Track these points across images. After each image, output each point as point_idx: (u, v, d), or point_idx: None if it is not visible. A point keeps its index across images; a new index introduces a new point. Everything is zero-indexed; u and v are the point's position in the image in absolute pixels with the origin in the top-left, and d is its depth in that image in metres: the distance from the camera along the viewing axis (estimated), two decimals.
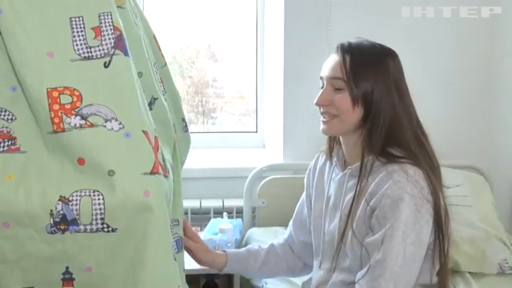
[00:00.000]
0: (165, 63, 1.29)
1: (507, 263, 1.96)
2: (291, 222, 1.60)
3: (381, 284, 1.19)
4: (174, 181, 1.12)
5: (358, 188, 1.28)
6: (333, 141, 1.44)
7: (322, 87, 1.34)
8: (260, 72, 2.75)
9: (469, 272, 1.92)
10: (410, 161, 1.25)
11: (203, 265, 1.54)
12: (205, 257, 1.48)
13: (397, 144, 1.28)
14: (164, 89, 1.23)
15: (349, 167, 1.34)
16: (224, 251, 1.54)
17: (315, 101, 1.33)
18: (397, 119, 1.28)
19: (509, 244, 2.02)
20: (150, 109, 1.07)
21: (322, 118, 1.34)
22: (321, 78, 1.35)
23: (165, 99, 1.17)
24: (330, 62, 1.33)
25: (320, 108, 1.34)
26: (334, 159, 1.41)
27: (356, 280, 1.25)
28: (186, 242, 1.39)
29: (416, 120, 1.32)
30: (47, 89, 0.94)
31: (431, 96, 2.36)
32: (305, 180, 1.56)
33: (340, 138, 1.39)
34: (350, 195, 1.31)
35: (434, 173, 1.27)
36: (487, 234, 2.00)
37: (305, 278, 1.58)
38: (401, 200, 1.20)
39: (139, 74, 1.06)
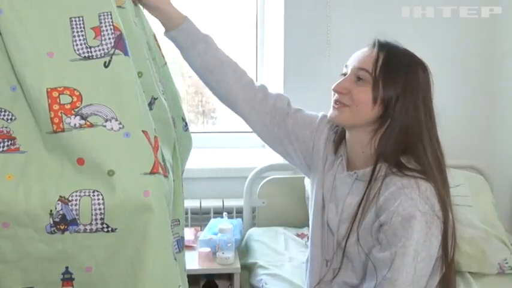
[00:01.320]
0: (165, 63, 1.29)
1: (507, 263, 1.96)
2: (294, 106, 1.45)
3: None
4: (174, 181, 1.12)
5: (365, 196, 1.25)
6: (343, 136, 1.37)
7: (345, 74, 1.29)
8: (260, 72, 2.75)
9: (469, 272, 1.92)
10: (422, 176, 1.21)
11: (149, 9, 1.26)
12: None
13: (413, 157, 1.24)
14: (163, 88, 1.23)
15: (355, 170, 1.30)
16: (186, 16, 1.35)
17: (333, 87, 1.28)
18: (420, 134, 1.24)
19: (509, 244, 2.02)
20: (150, 109, 1.07)
21: (333, 104, 1.29)
22: (346, 66, 1.30)
23: (164, 99, 1.17)
24: (362, 53, 1.28)
25: (334, 95, 1.29)
26: (341, 153, 1.36)
27: None
28: None
29: (436, 138, 1.28)
30: (47, 89, 0.94)
31: None
32: (316, 125, 1.43)
33: (347, 136, 1.34)
34: (354, 198, 1.29)
35: (445, 187, 1.25)
36: (487, 234, 2.00)
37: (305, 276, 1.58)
38: (413, 218, 1.17)
39: (139, 74, 1.06)
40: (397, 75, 1.24)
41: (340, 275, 1.32)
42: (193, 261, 2.00)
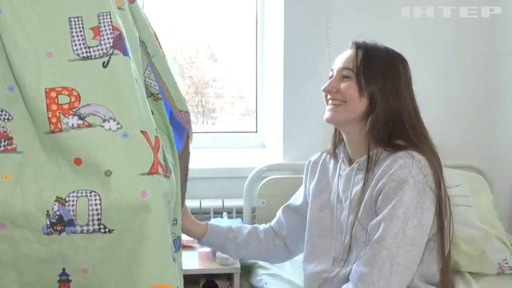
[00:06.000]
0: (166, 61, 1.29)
1: (507, 263, 1.96)
2: (281, 209, 1.66)
3: (376, 261, 1.19)
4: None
5: (366, 179, 1.31)
6: (337, 138, 1.48)
7: (331, 77, 1.39)
8: (260, 72, 2.75)
9: (469, 272, 1.92)
10: (415, 149, 1.29)
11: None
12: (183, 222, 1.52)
13: (399, 137, 1.33)
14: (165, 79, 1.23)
15: (356, 160, 1.37)
16: (206, 222, 1.60)
17: (323, 87, 1.38)
18: (400, 117, 1.33)
19: (509, 244, 2.02)
20: None
21: (327, 105, 1.39)
22: (332, 70, 1.40)
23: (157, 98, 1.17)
24: (344, 55, 1.39)
25: (327, 96, 1.39)
26: (341, 155, 1.44)
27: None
28: None
29: (418, 117, 1.37)
30: (45, 89, 0.94)
31: (431, 97, 2.35)
32: (304, 173, 1.60)
33: (344, 136, 1.42)
34: (357, 187, 1.33)
35: (436, 166, 1.29)
36: (487, 234, 2.00)
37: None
38: (405, 183, 1.22)
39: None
40: (377, 69, 1.33)
41: (342, 270, 1.33)
42: (193, 261, 1.99)
